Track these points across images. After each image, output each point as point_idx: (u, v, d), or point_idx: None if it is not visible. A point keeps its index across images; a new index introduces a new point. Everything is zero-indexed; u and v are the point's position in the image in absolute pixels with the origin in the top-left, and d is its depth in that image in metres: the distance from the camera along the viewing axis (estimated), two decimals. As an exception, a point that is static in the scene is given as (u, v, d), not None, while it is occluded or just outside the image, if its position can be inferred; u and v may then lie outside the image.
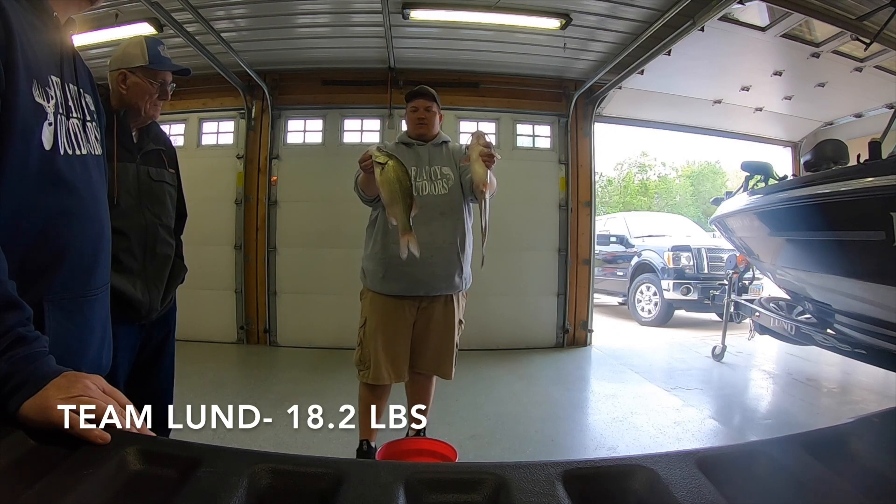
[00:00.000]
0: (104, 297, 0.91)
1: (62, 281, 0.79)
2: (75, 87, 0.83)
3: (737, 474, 0.54)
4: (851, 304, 2.99)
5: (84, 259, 0.83)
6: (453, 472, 0.58)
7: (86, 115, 0.85)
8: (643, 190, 21.93)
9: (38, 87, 0.73)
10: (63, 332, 0.79)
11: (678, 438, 3.08)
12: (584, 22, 4.18)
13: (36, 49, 0.73)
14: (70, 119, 0.80)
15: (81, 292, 0.84)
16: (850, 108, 5.81)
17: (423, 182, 2.22)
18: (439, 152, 2.35)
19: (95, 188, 0.85)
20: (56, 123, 0.76)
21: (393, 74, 5.25)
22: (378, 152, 1.84)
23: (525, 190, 5.41)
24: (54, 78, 0.77)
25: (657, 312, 7.10)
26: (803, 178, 3.24)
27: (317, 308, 5.22)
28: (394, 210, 1.84)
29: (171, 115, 5.32)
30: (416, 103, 2.40)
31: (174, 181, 1.86)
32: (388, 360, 2.21)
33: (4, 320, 0.62)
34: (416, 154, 2.30)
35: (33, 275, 0.76)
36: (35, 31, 0.74)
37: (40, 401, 0.59)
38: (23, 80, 0.70)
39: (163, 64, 1.72)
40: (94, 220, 0.85)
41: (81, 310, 0.84)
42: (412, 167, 2.19)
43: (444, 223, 2.18)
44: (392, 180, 1.83)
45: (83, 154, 0.82)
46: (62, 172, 0.77)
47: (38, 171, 0.73)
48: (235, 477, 0.51)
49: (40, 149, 0.73)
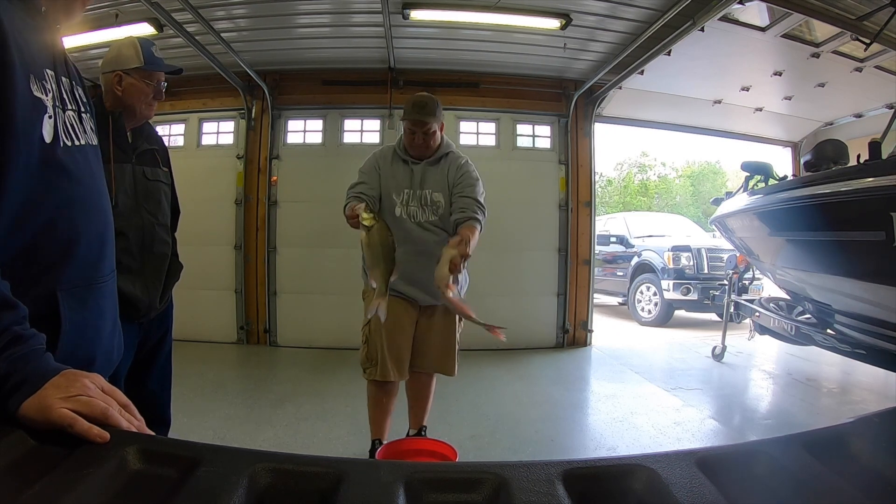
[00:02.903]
0: (112, 283, 0.92)
1: (74, 269, 0.80)
2: (68, 79, 0.84)
3: (737, 474, 0.54)
4: (851, 305, 2.99)
5: (92, 246, 0.84)
6: (453, 471, 0.58)
7: (80, 106, 0.86)
8: (643, 190, 21.94)
9: (36, 82, 0.73)
10: (78, 320, 0.80)
11: (678, 438, 3.08)
12: (584, 22, 4.19)
13: (31, 45, 0.74)
14: (66, 111, 0.81)
15: (92, 279, 0.85)
16: (850, 108, 5.81)
17: (414, 209, 2.18)
18: (435, 172, 2.25)
19: (96, 177, 0.87)
20: (55, 116, 0.77)
21: (393, 74, 5.25)
22: (366, 214, 1.78)
23: (525, 190, 5.42)
24: (49, 72, 0.78)
25: (657, 312, 7.10)
26: (803, 178, 3.24)
27: (317, 308, 5.22)
28: (374, 273, 1.82)
29: (171, 115, 5.33)
30: (415, 125, 2.20)
31: (168, 180, 1.87)
32: (393, 357, 2.22)
33: (0, 320, 0.62)
34: (410, 173, 2.24)
35: (45, 265, 0.77)
36: (27, 28, 0.75)
37: (40, 400, 0.59)
38: (20, 76, 0.70)
39: (157, 65, 1.73)
40: (99, 208, 0.87)
41: (94, 296, 0.85)
42: (404, 189, 2.19)
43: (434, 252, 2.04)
44: (376, 244, 1.78)
45: (82, 144, 0.83)
46: (65, 163, 0.78)
47: (41, 164, 0.74)
48: (235, 476, 0.51)
49: (42, 142, 0.74)
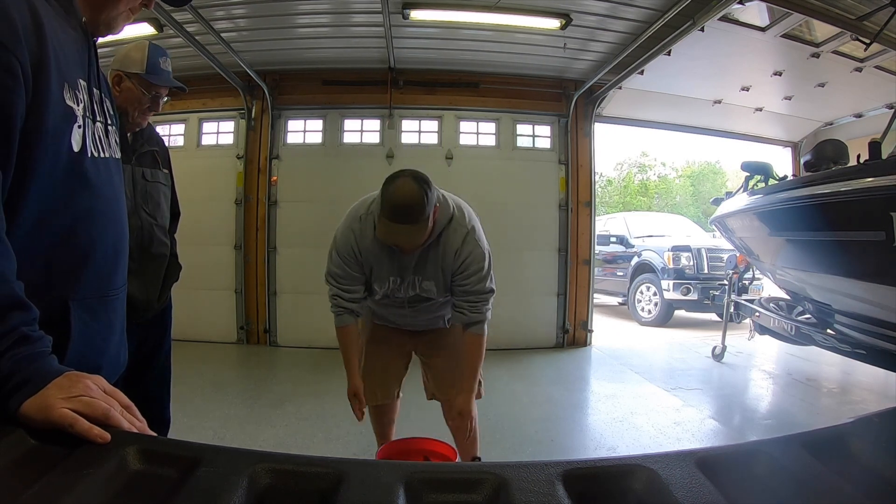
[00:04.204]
0: (123, 296, 0.92)
1: (87, 280, 0.80)
2: (98, 91, 0.84)
3: (737, 474, 0.54)
4: (851, 305, 2.99)
5: (107, 259, 0.84)
6: (453, 471, 0.58)
7: (108, 119, 0.86)
8: (643, 190, 21.93)
9: (69, 90, 0.74)
10: (87, 331, 0.80)
11: (678, 438, 3.08)
12: (584, 22, 4.19)
13: (67, 52, 0.74)
14: (95, 123, 0.81)
15: (104, 291, 0.85)
16: (850, 108, 5.81)
17: (405, 289, 1.83)
18: (426, 257, 1.76)
19: (117, 190, 0.87)
20: (84, 126, 0.77)
21: (393, 74, 5.25)
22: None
23: (525, 190, 5.42)
24: (82, 81, 0.78)
25: (657, 312, 7.10)
26: (803, 178, 3.24)
27: (317, 308, 5.17)
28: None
29: (171, 115, 5.33)
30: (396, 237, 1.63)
31: (168, 181, 1.86)
32: (378, 382, 2.04)
33: (9, 319, 0.62)
34: (395, 260, 1.78)
35: (60, 274, 0.77)
36: (65, 34, 0.75)
37: (41, 400, 0.59)
38: (55, 83, 0.70)
39: (159, 77, 1.67)
40: (117, 222, 0.87)
41: (105, 309, 0.85)
42: (389, 278, 1.79)
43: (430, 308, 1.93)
44: None
45: (106, 157, 0.83)
46: (89, 174, 0.78)
47: (66, 173, 0.74)
48: (235, 476, 0.51)
49: (70, 151, 0.74)
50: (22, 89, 0.66)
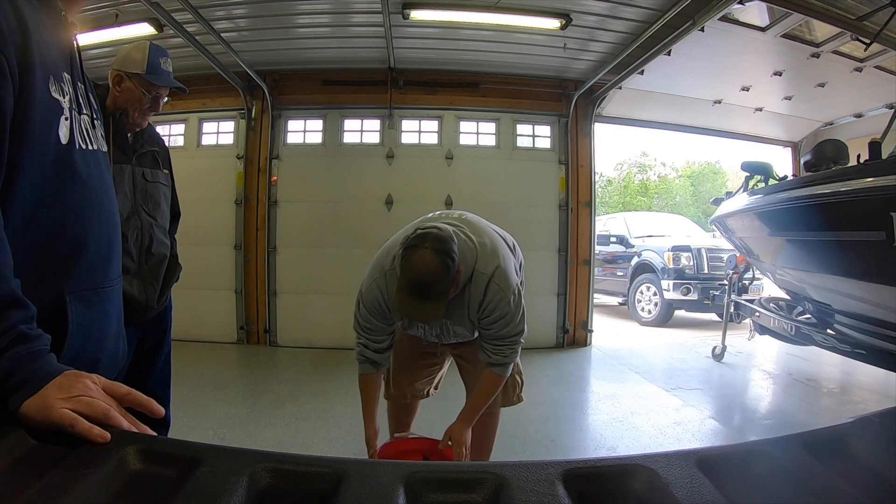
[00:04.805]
0: (119, 288, 0.92)
1: (82, 273, 0.80)
2: (82, 84, 0.84)
3: (737, 474, 0.54)
4: (851, 305, 2.99)
5: (101, 250, 0.84)
6: (453, 471, 0.58)
7: (93, 112, 0.87)
8: (643, 190, 21.93)
9: (55, 83, 0.74)
10: (85, 323, 0.80)
11: (678, 438, 3.08)
12: (584, 22, 4.19)
13: (50, 46, 0.75)
14: (82, 115, 0.81)
15: (100, 283, 0.85)
16: (850, 108, 5.82)
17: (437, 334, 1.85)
18: (451, 310, 1.66)
19: (106, 182, 0.87)
20: (71, 118, 0.77)
21: (393, 74, 5.25)
22: None
23: (525, 190, 5.42)
24: (66, 74, 0.78)
25: (657, 312, 7.10)
26: (803, 178, 3.24)
27: (317, 308, 5.22)
28: None
29: (171, 115, 5.33)
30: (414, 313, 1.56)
31: (168, 181, 1.86)
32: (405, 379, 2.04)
33: (7, 318, 0.62)
34: None
35: (54, 268, 0.77)
36: (47, 30, 0.76)
37: (41, 400, 0.59)
38: (39, 78, 0.71)
39: (160, 77, 1.68)
40: (108, 213, 0.87)
41: (101, 300, 0.85)
42: (418, 324, 1.79)
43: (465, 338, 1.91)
44: None
45: (94, 149, 0.84)
46: (78, 166, 0.78)
47: (55, 166, 0.74)
48: (235, 476, 0.51)
49: (58, 143, 0.74)
50: (10, 85, 0.66)
